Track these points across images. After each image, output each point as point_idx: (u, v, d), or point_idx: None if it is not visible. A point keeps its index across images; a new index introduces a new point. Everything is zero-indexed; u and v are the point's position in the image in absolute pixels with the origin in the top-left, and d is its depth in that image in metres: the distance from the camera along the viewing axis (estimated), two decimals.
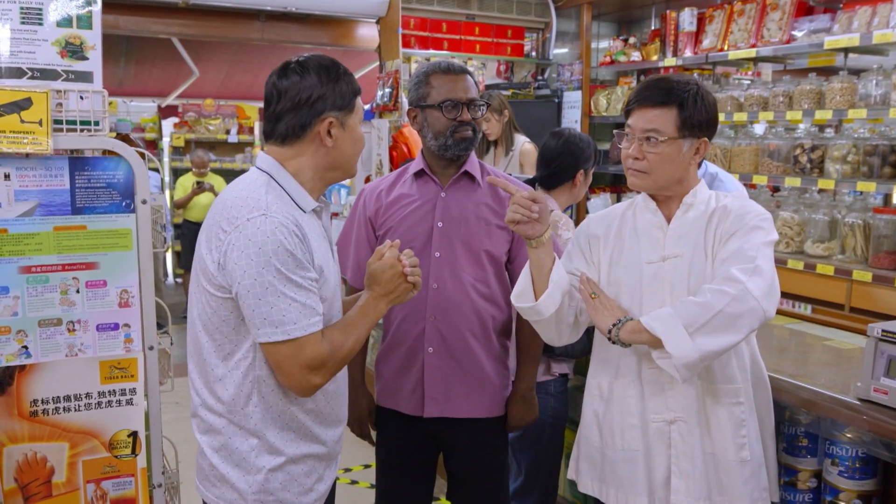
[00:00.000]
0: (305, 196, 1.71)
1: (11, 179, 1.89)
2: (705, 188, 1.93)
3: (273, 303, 1.56)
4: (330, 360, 1.64)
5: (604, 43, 5.51)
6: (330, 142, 1.69)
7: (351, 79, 1.73)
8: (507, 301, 2.29)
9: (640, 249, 1.91)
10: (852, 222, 3.55)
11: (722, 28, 4.43)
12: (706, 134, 1.87)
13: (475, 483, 2.32)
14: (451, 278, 2.20)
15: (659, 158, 1.84)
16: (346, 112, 1.70)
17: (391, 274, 1.73)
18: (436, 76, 2.20)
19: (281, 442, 1.70)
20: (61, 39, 1.94)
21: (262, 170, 1.71)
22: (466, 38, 5.42)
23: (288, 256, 1.57)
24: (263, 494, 1.69)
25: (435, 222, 2.22)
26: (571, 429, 3.08)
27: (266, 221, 1.58)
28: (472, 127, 2.20)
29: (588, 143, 2.75)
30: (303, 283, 1.60)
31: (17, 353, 1.93)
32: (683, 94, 1.82)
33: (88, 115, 1.95)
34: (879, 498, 2.04)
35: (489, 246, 2.22)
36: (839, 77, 3.66)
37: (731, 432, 1.84)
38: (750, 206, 1.86)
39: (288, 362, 1.61)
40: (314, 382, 1.63)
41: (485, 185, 2.25)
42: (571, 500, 3.13)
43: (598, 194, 5.27)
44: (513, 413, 2.32)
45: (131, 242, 2.02)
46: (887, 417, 1.85)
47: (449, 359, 2.23)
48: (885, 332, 1.89)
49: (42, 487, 2.00)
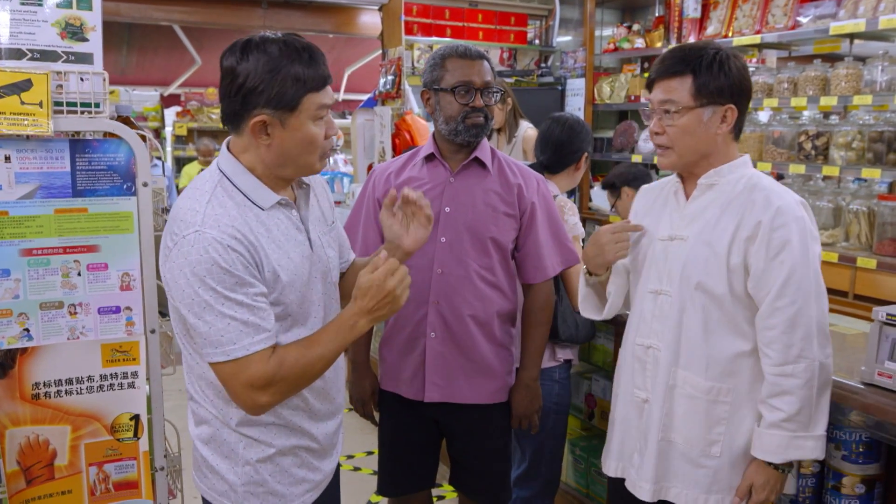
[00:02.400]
0: (264, 191, 1.59)
1: (12, 162, 1.88)
2: (741, 168, 1.82)
3: (211, 322, 1.48)
4: (278, 379, 1.52)
5: (607, 30, 5.47)
6: (266, 140, 1.54)
7: (305, 73, 1.52)
8: (512, 289, 2.30)
9: (659, 224, 1.91)
10: (857, 209, 3.53)
11: (726, 14, 4.40)
12: (731, 100, 1.76)
13: (477, 469, 2.32)
14: (455, 264, 2.19)
15: (678, 131, 1.77)
16: (286, 111, 1.51)
17: (378, 290, 1.54)
18: (451, 59, 2.18)
19: (268, 436, 1.66)
20: (61, 20, 1.93)
21: (219, 168, 1.61)
22: (469, 26, 5.39)
23: (224, 274, 1.47)
24: (253, 486, 1.66)
25: (442, 207, 2.21)
26: (575, 415, 3.09)
27: (199, 238, 1.48)
28: (485, 114, 2.18)
29: (588, 127, 2.81)
30: (244, 300, 1.49)
31: (18, 336, 1.93)
32: (696, 60, 1.75)
33: (89, 97, 1.94)
34: (883, 482, 2.03)
35: (496, 233, 2.21)
36: (844, 63, 3.63)
37: (702, 428, 1.81)
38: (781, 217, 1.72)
39: (230, 381, 1.53)
40: (259, 402, 1.53)
41: (495, 171, 2.24)
42: (575, 486, 3.13)
43: (601, 182, 5.25)
44: (517, 402, 2.31)
45: (132, 225, 2.01)
46: (891, 401, 1.84)
47: (451, 344, 2.22)
48: (890, 315, 1.88)
49: (44, 470, 2.00)
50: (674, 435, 1.84)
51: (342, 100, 12.33)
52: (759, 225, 1.72)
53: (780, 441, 1.73)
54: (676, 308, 1.82)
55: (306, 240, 1.68)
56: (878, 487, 2.03)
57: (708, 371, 1.80)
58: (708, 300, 1.78)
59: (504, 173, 2.26)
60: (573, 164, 2.75)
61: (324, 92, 1.56)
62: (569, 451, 3.11)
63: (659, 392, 1.85)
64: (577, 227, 2.62)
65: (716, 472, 1.81)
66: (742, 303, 1.77)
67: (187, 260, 1.49)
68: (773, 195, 1.75)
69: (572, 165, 2.75)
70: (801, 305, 1.70)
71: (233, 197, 1.57)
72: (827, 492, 2.07)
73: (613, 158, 5.20)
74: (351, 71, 11.02)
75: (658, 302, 1.87)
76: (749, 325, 1.78)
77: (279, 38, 1.54)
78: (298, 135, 1.55)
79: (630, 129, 5.04)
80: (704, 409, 1.80)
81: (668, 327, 1.84)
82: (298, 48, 1.53)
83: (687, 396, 1.82)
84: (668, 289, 1.84)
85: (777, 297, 1.71)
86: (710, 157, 1.81)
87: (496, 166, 2.26)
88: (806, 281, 1.71)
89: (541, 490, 2.73)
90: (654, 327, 1.87)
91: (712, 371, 1.80)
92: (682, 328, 1.82)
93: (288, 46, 1.52)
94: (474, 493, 2.38)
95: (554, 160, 2.74)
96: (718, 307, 1.78)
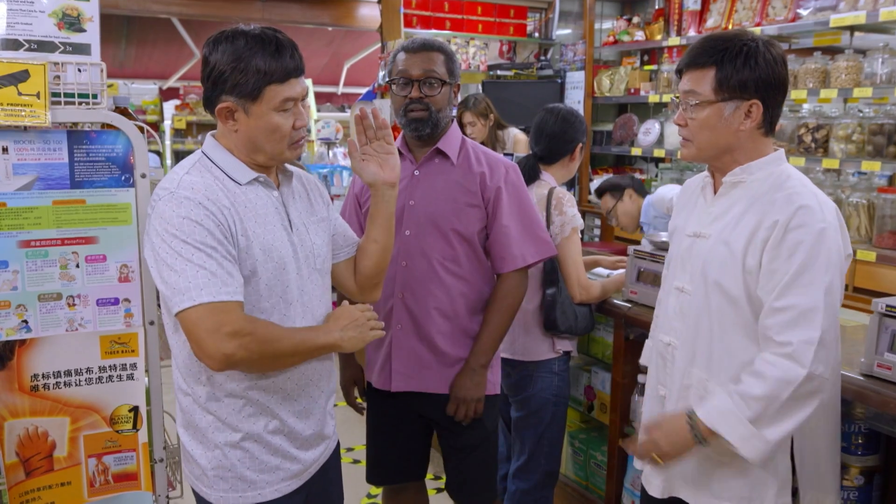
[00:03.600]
0: (242, 168, 1.66)
1: (10, 153, 1.88)
2: (771, 165, 1.73)
3: (180, 271, 1.51)
4: (247, 332, 1.52)
5: (607, 23, 5.45)
6: (233, 125, 1.63)
7: (269, 65, 1.57)
8: (484, 279, 2.29)
9: (689, 220, 1.86)
10: (857, 202, 3.52)
11: (726, 7, 4.39)
12: (757, 95, 1.66)
13: (459, 457, 2.34)
14: (419, 257, 2.20)
15: (697, 125, 1.71)
16: (249, 100, 1.59)
17: (347, 315, 1.72)
18: (400, 53, 2.20)
19: (237, 419, 1.67)
20: (58, 11, 1.92)
21: (202, 150, 1.70)
22: (469, 18, 5.38)
23: (194, 226, 1.53)
24: (222, 470, 1.68)
25: (407, 200, 2.22)
26: (574, 407, 3.09)
27: (172, 197, 1.56)
28: (426, 105, 2.14)
29: (582, 118, 2.79)
30: (213, 253, 1.53)
31: (17, 328, 1.93)
32: (721, 52, 1.66)
33: (86, 88, 1.93)
34: (882, 473, 2.03)
35: (457, 225, 2.19)
36: (845, 56, 3.62)
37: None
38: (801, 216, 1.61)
39: (195, 329, 1.51)
40: (226, 349, 1.50)
41: (459, 161, 2.22)
42: (574, 478, 3.14)
43: (601, 175, 5.24)
44: (456, 385, 2.23)
45: (131, 217, 2.01)
46: (891, 392, 1.84)
47: (416, 336, 2.24)
48: (889, 307, 1.88)
49: (43, 462, 2.00)
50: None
51: (341, 93, 12.32)
52: (775, 225, 1.62)
53: (720, 406, 1.63)
54: (696, 307, 1.77)
55: (286, 219, 1.72)
56: (878, 479, 2.04)
57: (719, 375, 1.73)
58: (724, 301, 1.71)
59: (468, 163, 2.23)
60: (567, 155, 2.74)
61: (287, 84, 1.61)
62: (568, 443, 3.11)
63: (675, 390, 1.82)
64: (577, 219, 2.61)
65: (726, 480, 1.76)
66: (757, 306, 1.68)
67: (161, 218, 1.56)
68: (797, 195, 1.64)
69: (567, 156, 2.74)
70: (807, 311, 1.57)
71: (211, 171, 1.65)
72: None
73: (613, 151, 5.20)
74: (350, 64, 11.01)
75: (681, 299, 1.82)
76: None
77: (251, 30, 1.61)
78: (261, 122, 1.62)
79: (629, 122, 5.03)
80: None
81: (686, 326, 1.79)
82: (265, 40, 1.59)
83: (700, 397, 1.76)
84: (689, 287, 1.79)
85: (780, 295, 1.60)
86: (735, 152, 1.73)
87: (462, 156, 2.24)
88: (814, 287, 1.58)
89: (540, 482, 2.73)
90: (675, 325, 1.83)
91: (723, 375, 1.72)
92: (699, 328, 1.76)
93: (256, 39, 1.59)
94: (457, 488, 2.38)
95: (548, 151, 2.74)
96: (734, 309, 1.70)
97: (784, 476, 1.76)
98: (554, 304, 2.56)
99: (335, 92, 12.48)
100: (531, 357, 2.64)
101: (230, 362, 1.54)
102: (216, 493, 1.69)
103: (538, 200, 2.59)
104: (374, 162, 1.85)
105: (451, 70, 2.19)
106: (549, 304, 2.57)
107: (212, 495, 1.70)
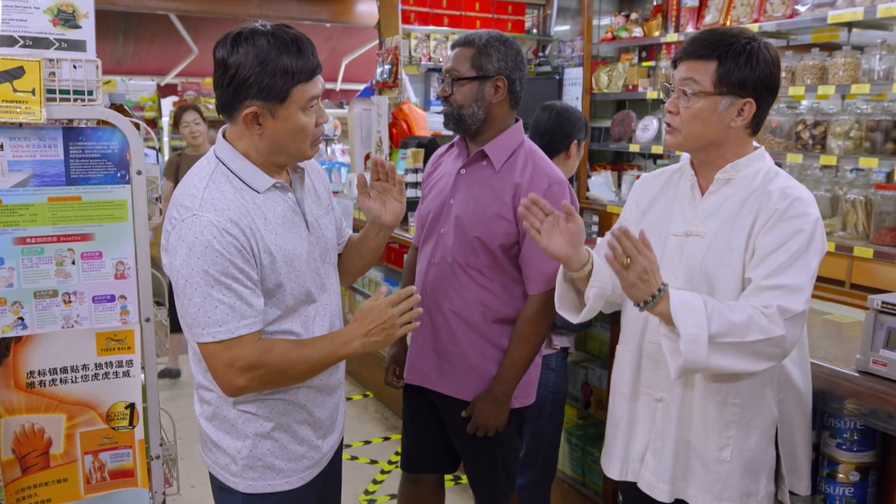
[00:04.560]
0: (260, 176, 1.63)
1: (5, 150, 1.88)
2: (757, 162, 1.74)
3: (200, 304, 1.54)
4: (259, 365, 1.57)
5: (605, 19, 5.45)
6: (258, 129, 1.59)
7: (294, 64, 1.54)
8: (508, 292, 2.20)
9: (671, 219, 1.83)
10: (854, 198, 3.53)
11: (724, 3, 4.38)
12: (752, 95, 1.68)
13: (475, 461, 2.32)
14: (446, 257, 2.19)
15: (689, 114, 1.70)
16: (276, 103, 1.55)
17: (379, 315, 1.64)
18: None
19: (266, 411, 1.71)
20: (53, 7, 1.91)
21: (216, 155, 1.66)
22: (467, 14, 5.37)
23: (217, 257, 1.52)
24: (252, 459, 1.72)
25: (448, 199, 2.21)
26: (571, 404, 3.09)
27: (195, 222, 1.53)
28: (450, 102, 2.13)
29: (580, 115, 2.78)
30: (233, 284, 1.54)
31: (12, 325, 1.93)
32: (725, 47, 1.66)
33: (82, 85, 1.93)
34: (877, 470, 2.03)
35: (482, 234, 2.12)
36: (842, 52, 3.62)
37: (715, 429, 1.76)
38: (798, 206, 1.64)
39: (211, 360, 1.58)
40: (237, 383, 1.58)
41: (503, 168, 2.14)
42: (571, 474, 3.14)
43: (599, 172, 5.24)
44: (479, 410, 2.17)
45: (126, 214, 2.01)
46: (886, 389, 1.84)
47: (432, 335, 2.23)
48: (885, 303, 1.88)
49: (40, 459, 2.00)
50: (691, 435, 1.80)
51: (340, 89, 12.30)
52: (773, 213, 1.65)
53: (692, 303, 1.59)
54: None
55: (303, 221, 1.72)
56: (873, 475, 2.04)
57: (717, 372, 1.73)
58: (724, 299, 1.69)
59: (511, 171, 2.13)
60: (563, 152, 2.74)
61: (312, 83, 1.59)
62: (565, 439, 3.11)
63: (677, 392, 1.80)
64: None
65: (727, 478, 1.76)
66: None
67: (184, 242, 1.54)
68: (790, 188, 1.69)
69: (563, 153, 2.74)
70: (793, 289, 1.61)
71: (230, 181, 1.62)
72: (822, 480, 2.07)
73: (611, 148, 5.19)
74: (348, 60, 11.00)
75: None
76: None
77: (268, 30, 1.56)
78: (289, 124, 1.59)
79: (628, 118, 5.03)
80: (716, 410, 1.75)
81: None
82: (287, 40, 1.55)
83: (701, 397, 1.76)
84: (683, 286, 1.75)
85: (768, 276, 1.62)
86: (721, 147, 1.73)
87: (509, 163, 2.15)
88: (806, 271, 1.63)
89: (537, 478, 2.73)
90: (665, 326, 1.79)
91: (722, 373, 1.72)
92: None
93: (277, 39, 1.54)
94: (472, 484, 2.39)
95: (543, 148, 2.73)
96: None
97: (771, 465, 1.82)
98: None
99: (333, 88, 12.48)
100: None
101: (243, 392, 1.62)
102: (245, 481, 1.72)
103: None
104: (378, 201, 1.86)
105: (479, 65, 2.09)
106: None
107: (240, 484, 1.72)
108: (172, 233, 1.57)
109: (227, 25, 8.41)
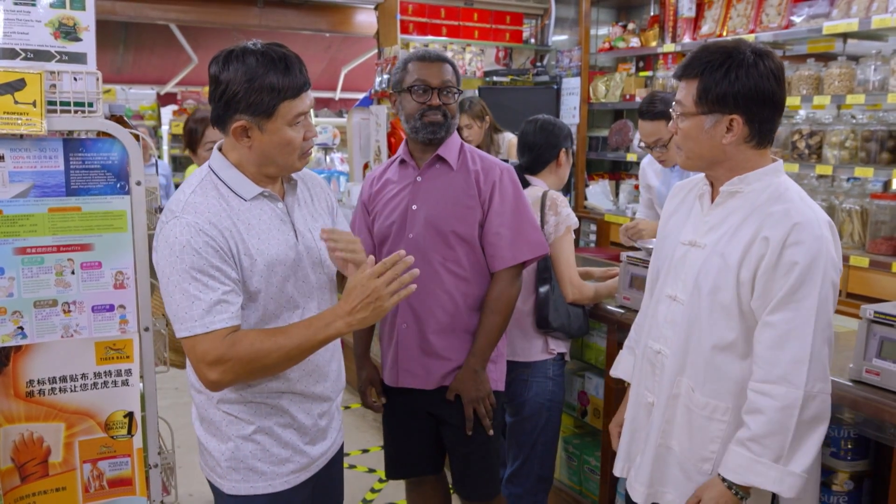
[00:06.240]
0: (247, 184, 1.70)
1: (6, 160, 1.90)
2: (769, 176, 1.70)
3: (179, 301, 1.60)
4: (226, 358, 1.59)
5: (603, 29, 5.48)
6: (247, 142, 1.67)
7: (281, 82, 1.61)
8: (482, 277, 2.34)
9: (684, 227, 1.84)
10: (850, 208, 3.55)
11: (721, 14, 4.41)
12: (738, 110, 1.63)
13: (463, 453, 2.39)
14: (421, 259, 2.24)
15: (682, 135, 1.72)
16: (263, 118, 1.63)
17: (362, 289, 1.60)
18: (412, 63, 2.30)
19: (248, 414, 1.75)
20: (55, 20, 1.94)
21: (209, 166, 1.74)
22: (465, 24, 5.40)
23: (194, 255, 1.59)
24: (234, 461, 1.75)
25: (409, 205, 2.31)
26: (568, 412, 3.10)
27: (177, 223, 1.62)
28: (443, 112, 2.27)
29: (563, 125, 2.83)
30: (210, 281, 1.60)
31: (12, 334, 1.94)
32: (704, 65, 1.64)
33: (82, 97, 1.95)
34: (871, 478, 2.04)
35: (457, 227, 2.27)
36: (838, 62, 3.64)
37: (699, 442, 1.75)
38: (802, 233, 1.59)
39: (190, 355, 1.64)
40: (209, 377, 1.61)
41: (458, 165, 2.31)
42: (568, 483, 3.15)
43: (597, 181, 5.27)
44: (463, 388, 2.28)
45: (126, 224, 2.02)
46: (879, 398, 1.85)
47: (420, 334, 2.31)
48: (877, 313, 1.89)
49: (39, 467, 2.01)
50: (672, 442, 1.80)
51: (339, 98, 12.33)
52: (771, 240, 1.61)
53: (741, 461, 1.62)
54: (687, 316, 1.76)
55: (291, 230, 1.77)
56: (867, 484, 2.05)
57: (706, 386, 1.72)
58: (716, 313, 1.70)
59: (465, 164, 2.33)
60: (553, 162, 2.78)
61: (299, 99, 1.66)
62: (562, 448, 3.12)
63: (663, 398, 1.81)
64: (571, 217, 2.65)
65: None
66: (749, 319, 1.68)
67: (166, 242, 1.62)
68: (795, 210, 1.63)
69: (552, 163, 2.78)
70: (797, 327, 1.58)
71: (217, 188, 1.70)
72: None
73: (609, 157, 5.21)
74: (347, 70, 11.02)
75: (672, 308, 1.81)
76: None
77: (259, 48, 1.64)
78: (276, 138, 1.66)
79: (625, 127, 5.05)
80: (701, 424, 1.74)
81: (677, 334, 1.78)
82: (275, 58, 1.63)
83: (687, 409, 1.76)
84: (682, 296, 1.78)
85: (772, 311, 1.60)
86: (724, 164, 1.71)
87: (461, 161, 2.33)
88: (808, 302, 1.58)
89: (533, 487, 2.74)
90: (665, 333, 1.82)
91: (711, 387, 1.71)
92: (690, 338, 1.75)
93: (265, 57, 1.63)
94: (459, 482, 2.43)
95: (531, 161, 2.81)
96: (726, 321, 1.69)
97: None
98: (546, 301, 2.60)
99: (332, 97, 12.51)
100: (525, 357, 2.66)
101: (219, 386, 1.65)
102: (229, 483, 1.76)
103: (532, 202, 2.61)
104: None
105: (458, 80, 2.34)
106: (542, 301, 2.61)
107: (225, 485, 1.77)
108: (159, 235, 1.66)
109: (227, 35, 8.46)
